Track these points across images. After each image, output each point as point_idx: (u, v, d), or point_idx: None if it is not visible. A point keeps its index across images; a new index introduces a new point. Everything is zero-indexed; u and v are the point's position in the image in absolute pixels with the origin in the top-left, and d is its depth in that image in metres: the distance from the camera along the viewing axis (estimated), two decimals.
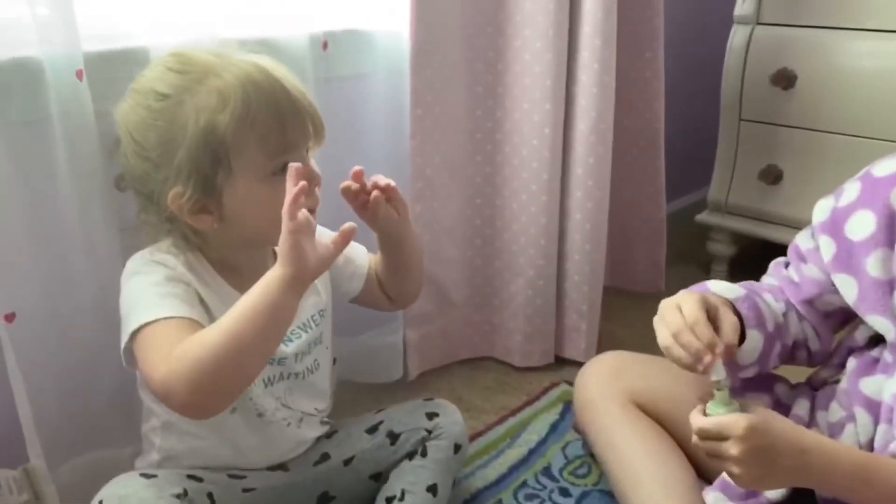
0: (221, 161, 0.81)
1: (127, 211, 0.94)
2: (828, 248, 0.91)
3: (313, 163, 0.89)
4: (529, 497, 1.11)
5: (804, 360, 1.00)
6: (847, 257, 0.89)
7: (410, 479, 1.02)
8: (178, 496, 0.84)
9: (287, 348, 0.94)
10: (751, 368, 0.95)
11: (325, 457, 1.02)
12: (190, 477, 0.89)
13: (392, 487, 1.02)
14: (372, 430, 1.06)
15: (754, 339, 0.91)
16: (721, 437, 0.78)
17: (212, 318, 0.83)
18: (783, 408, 0.99)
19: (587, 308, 1.43)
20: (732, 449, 0.77)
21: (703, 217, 1.77)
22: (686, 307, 0.85)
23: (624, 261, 1.68)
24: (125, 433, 1.01)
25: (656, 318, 0.88)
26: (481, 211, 1.40)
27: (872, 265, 0.86)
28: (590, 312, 1.44)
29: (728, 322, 0.87)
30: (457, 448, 1.05)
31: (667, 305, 0.88)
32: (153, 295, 0.82)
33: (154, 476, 0.86)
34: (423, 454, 1.04)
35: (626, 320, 1.56)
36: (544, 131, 1.30)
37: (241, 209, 0.84)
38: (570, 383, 1.38)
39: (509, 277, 1.42)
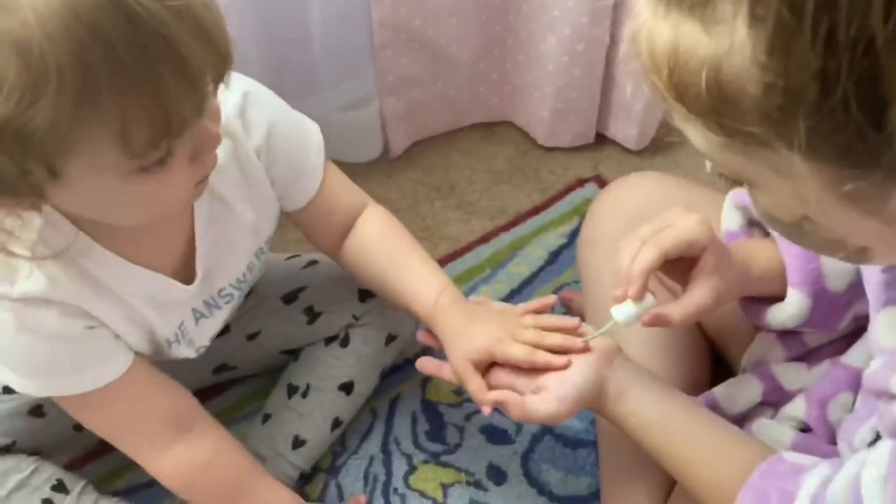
0: (31, 172, 0.48)
1: None
2: None
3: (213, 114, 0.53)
4: None
5: None
6: None
7: (320, 373, 0.83)
8: None
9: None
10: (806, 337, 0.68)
11: (224, 330, 0.79)
12: None
13: (298, 375, 0.84)
14: (290, 298, 0.83)
15: (794, 300, 0.64)
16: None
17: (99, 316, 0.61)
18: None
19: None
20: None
21: None
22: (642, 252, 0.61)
23: None
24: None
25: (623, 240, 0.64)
26: None
27: None
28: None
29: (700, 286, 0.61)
30: (389, 339, 0.83)
31: (627, 241, 0.63)
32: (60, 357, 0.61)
33: None
34: (344, 343, 0.83)
35: None
36: None
37: (94, 207, 0.55)
38: (604, 183, 1.04)
39: (538, 32, 0.98)
